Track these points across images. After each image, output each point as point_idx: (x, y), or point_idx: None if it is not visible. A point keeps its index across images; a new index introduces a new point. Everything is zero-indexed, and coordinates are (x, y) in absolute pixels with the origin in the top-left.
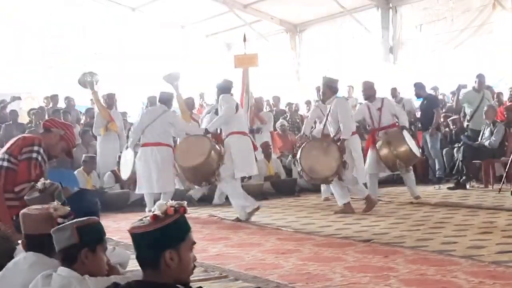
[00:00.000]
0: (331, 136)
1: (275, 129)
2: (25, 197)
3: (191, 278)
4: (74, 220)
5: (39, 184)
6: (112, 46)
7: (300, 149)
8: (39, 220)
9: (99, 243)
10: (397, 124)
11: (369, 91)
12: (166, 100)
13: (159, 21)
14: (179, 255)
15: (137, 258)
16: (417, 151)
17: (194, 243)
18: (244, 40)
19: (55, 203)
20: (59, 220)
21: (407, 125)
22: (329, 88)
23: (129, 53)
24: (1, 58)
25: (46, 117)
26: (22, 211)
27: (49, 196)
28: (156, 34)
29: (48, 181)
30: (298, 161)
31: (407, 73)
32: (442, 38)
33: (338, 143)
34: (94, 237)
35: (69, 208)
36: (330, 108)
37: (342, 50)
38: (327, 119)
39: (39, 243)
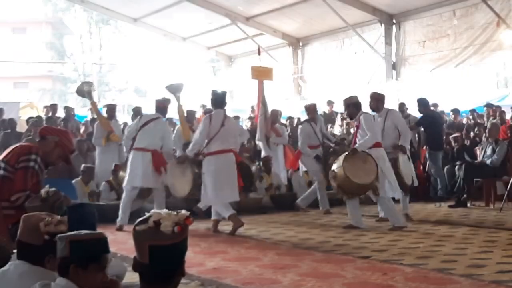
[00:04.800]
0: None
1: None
2: (26, 204)
3: None
4: (72, 233)
5: (43, 192)
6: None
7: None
8: (27, 228)
9: (93, 262)
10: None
11: (350, 109)
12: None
13: (161, 33)
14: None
15: None
16: (360, 179)
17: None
18: (259, 53)
19: (52, 218)
20: (46, 236)
21: (361, 147)
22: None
23: (131, 64)
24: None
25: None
26: (25, 215)
27: (50, 207)
28: (158, 45)
29: (53, 189)
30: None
31: (410, 89)
32: (445, 55)
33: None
34: (86, 254)
35: (64, 228)
36: None
37: (344, 65)
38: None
39: (26, 252)
